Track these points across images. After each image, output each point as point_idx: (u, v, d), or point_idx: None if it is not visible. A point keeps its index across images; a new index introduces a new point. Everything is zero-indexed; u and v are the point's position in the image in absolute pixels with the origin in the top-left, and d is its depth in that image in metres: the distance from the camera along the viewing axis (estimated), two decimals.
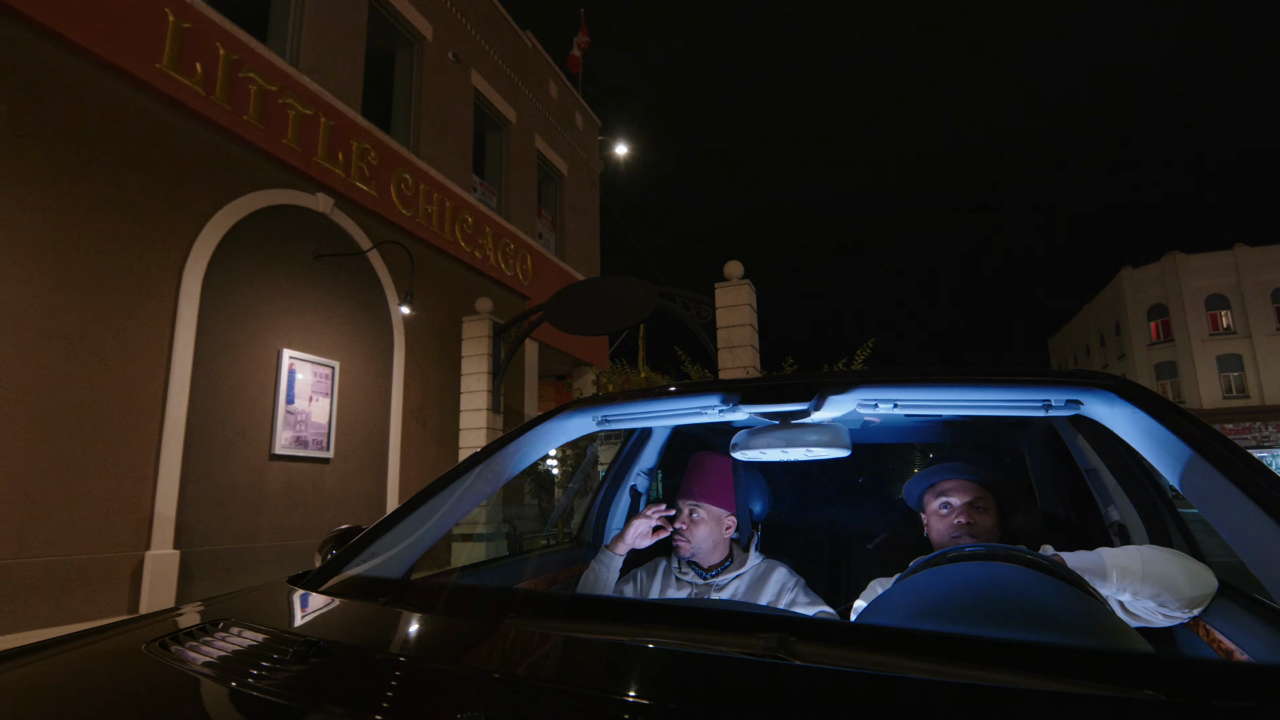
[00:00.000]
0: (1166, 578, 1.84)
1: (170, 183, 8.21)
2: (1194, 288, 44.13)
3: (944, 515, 2.45)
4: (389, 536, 2.01)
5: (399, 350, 11.43)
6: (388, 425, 11.16)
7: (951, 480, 2.49)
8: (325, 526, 9.48)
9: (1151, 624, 1.88)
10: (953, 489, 2.47)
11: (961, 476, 2.48)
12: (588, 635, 1.29)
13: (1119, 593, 1.90)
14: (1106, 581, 1.91)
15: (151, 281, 7.87)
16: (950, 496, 2.46)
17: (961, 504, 2.43)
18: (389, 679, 1.09)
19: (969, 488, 2.45)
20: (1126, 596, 1.93)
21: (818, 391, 2.07)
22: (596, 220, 20.63)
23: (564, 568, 3.17)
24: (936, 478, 2.53)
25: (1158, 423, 1.64)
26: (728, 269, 10.63)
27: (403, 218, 11.76)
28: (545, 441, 2.53)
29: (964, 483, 2.46)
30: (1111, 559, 1.93)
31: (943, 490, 2.49)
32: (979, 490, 2.45)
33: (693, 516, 2.70)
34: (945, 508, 2.46)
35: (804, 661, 1.07)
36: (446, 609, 1.54)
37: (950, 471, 2.50)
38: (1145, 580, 1.84)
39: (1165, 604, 1.83)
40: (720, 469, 2.78)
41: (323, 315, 10.10)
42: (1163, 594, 1.82)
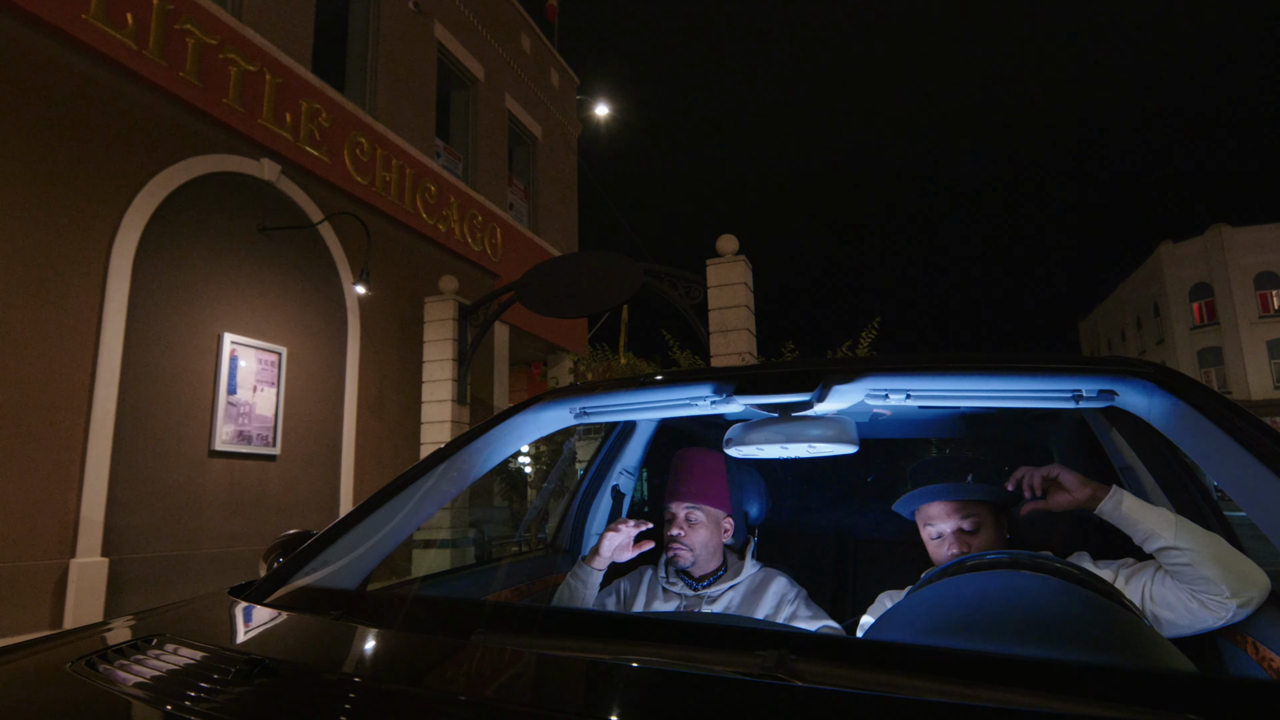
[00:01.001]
0: (1203, 552, 1.84)
1: (97, 148, 8.12)
2: (1242, 264, 43.59)
3: (937, 544, 2.42)
4: (342, 543, 2.00)
5: (353, 335, 11.38)
6: (341, 418, 11.12)
7: (934, 505, 2.44)
8: (271, 531, 9.41)
9: (1184, 626, 1.88)
10: (936, 515, 2.43)
11: (941, 499, 2.43)
12: (564, 653, 1.29)
13: (1145, 544, 1.93)
14: (1135, 529, 1.95)
15: (76, 259, 7.79)
16: (937, 523, 2.42)
17: (951, 532, 2.39)
18: (342, 701, 1.09)
19: (954, 510, 2.40)
20: (1146, 577, 1.95)
21: (821, 380, 2.06)
22: (574, 189, 20.57)
23: (538, 577, 3.17)
24: (916, 503, 2.49)
25: (1201, 415, 1.63)
26: (721, 244, 10.62)
27: (358, 186, 11.70)
28: (517, 436, 2.53)
29: (947, 505, 2.42)
30: (1146, 507, 1.96)
31: (928, 518, 2.46)
32: (967, 509, 2.39)
33: (690, 520, 2.68)
34: (936, 536, 2.43)
35: (806, 682, 1.06)
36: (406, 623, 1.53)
37: (930, 495, 2.45)
38: (1178, 543, 1.86)
39: (1200, 586, 1.83)
40: (713, 465, 2.78)
41: (268, 295, 10.04)
42: (1195, 569, 1.82)
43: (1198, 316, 45.48)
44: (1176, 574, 1.88)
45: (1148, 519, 1.94)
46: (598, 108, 21.25)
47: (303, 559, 1.93)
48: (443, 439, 11.80)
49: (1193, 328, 45.45)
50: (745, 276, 10.59)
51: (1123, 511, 1.99)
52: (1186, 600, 1.85)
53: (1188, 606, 1.85)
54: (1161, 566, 1.95)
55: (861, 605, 2.54)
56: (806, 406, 2.17)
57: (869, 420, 2.93)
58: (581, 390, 2.50)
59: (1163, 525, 1.91)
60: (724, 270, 10.58)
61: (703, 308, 10.61)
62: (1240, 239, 44.06)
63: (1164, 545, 1.89)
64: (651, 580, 2.79)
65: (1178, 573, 1.87)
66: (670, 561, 2.72)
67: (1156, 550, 1.92)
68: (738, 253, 10.63)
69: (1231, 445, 1.51)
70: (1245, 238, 43.97)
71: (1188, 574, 1.85)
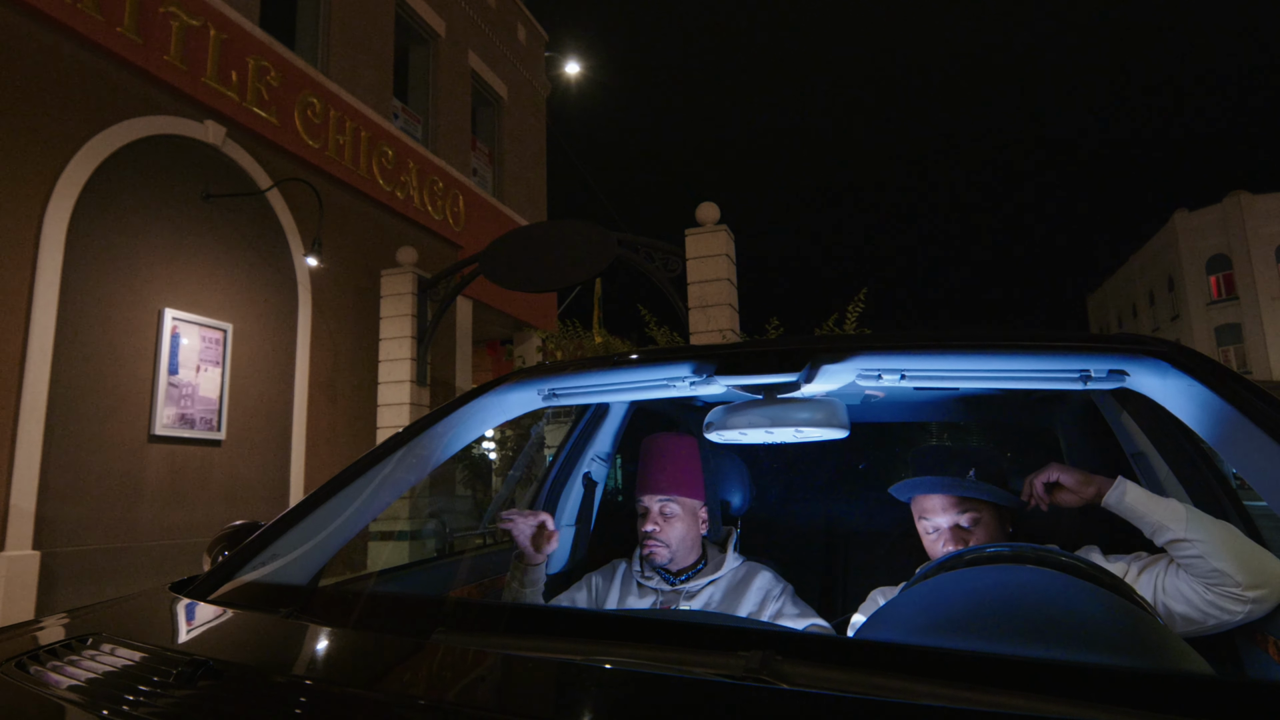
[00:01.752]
0: (1217, 543, 1.84)
1: (27, 109, 8.00)
2: (1263, 234, 43.04)
3: (933, 539, 2.42)
4: (292, 535, 2.00)
5: (305, 310, 11.33)
6: (291, 400, 11.07)
7: (930, 497, 2.43)
8: (216, 523, 9.36)
9: (1199, 622, 1.88)
10: (932, 508, 2.42)
11: (937, 492, 2.41)
12: (531, 654, 1.29)
13: (1155, 536, 1.93)
14: (1143, 521, 1.95)
15: (5, 228, 7.68)
16: (933, 517, 2.41)
17: (948, 528, 2.38)
18: (291, 706, 1.09)
19: (952, 505, 2.39)
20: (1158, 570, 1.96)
21: (809, 359, 2.05)
22: (543, 154, 20.47)
23: (503, 572, 3.16)
24: (913, 491, 2.48)
25: (1219, 397, 1.63)
26: (700, 212, 10.56)
27: (309, 150, 11.61)
28: (481, 420, 2.52)
29: (944, 499, 2.40)
30: (1154, 499, 1.96)
31: (924, 510, 2.44)
32: (965, 505, 2.38)
33: (665, 514, 2.67)
34: (932, 530, 2.42)
35: (792, 685, 1.06)
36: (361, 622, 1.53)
37: (928, 487, 2.44)
38: (1189, 534, 1.86)
39: (1213, 580, 1.83)
40: (685, 451, 2.77)
41: (213, 268, 9.95)
42: (1208, 561, 1.82)
43: (1215, 291, 45.13)
44: (1188, 567, 1.88)
45: (1155, 510, 1.94)
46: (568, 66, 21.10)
47: (250, 552, 1.92)
48: (401, 422, 11.77)
49: (1210, 303, 45.18)
50: (727, 247, 10.55)
51: (1128, 503, 1.99)
52: (1201, 593, 1.85)
53: (1202, 599, 1.85)
54: (1173, 560, 1.95)
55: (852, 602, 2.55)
56: (793, 388, 2.17)
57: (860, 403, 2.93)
58: (551, 370, 2.49)
59: (1172, 516, 1.91)
60: (704, 241, 10.54)
61: (681, 281, 10.57)
62: (1261, 207, 43.46)
63: (1174, 537, 1.89)
64: (625, 575, 2.78)
65: (1189, 565, 1.87)
66: (646, 559, 2.71)
67: (1167, 543, 1.92)
68: (719, 222, 10.57)
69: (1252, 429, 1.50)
70: (1266, 206, 43.35)
71: (1200, 567, 1.85)
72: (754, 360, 2.14)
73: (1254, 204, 43.75)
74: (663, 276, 10.67)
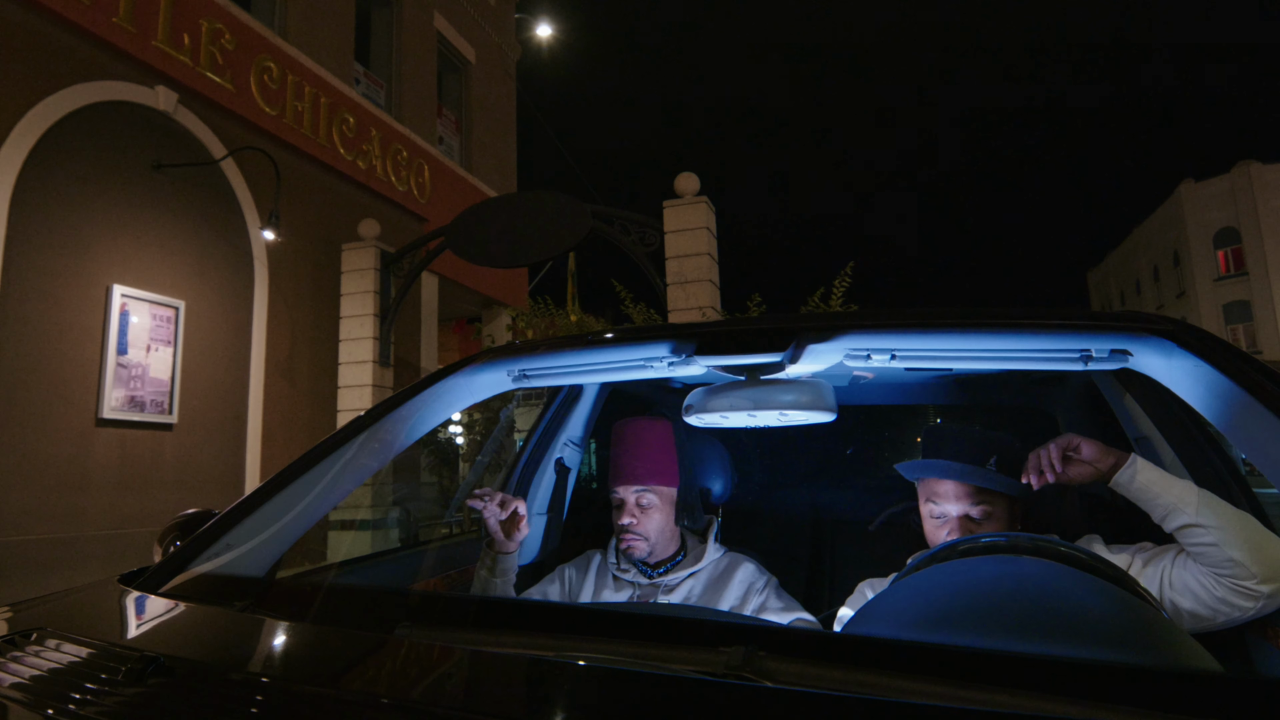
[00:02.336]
0: (1231, 531, 1.82)
1: None
2: (1274, 206, 42.57)
3: (938, 525, 2.40)
4: (248, 524, 1.99)
5: (261, 287, 11.25)
6: (246, 382, 11.00)
7: (943, 482, 2.41)
8: (167, 511, 9.28)
9: (1208, 617, 1.88)
10: (944, 494, 2.40)
11: (954, 478, 2.39)
12: (501, 649, 1.29)
13: (1165, 521, 1.91)
14: (1154, 504, 1.93)
15: None
16: (943, 504, 2.39)
17: (958, 517, 2.36)
18: (247, 704, 1.08)
19: (966, 494, 2.37)
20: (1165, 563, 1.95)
21: (794, 339, 2.05)
22: (513, 122, 20.35)
23: (471, 563, 3.16)
24: (923, 475, 2.46)
25: (1227, 379, 1.62)
26: (680, 183, 10.50)
27: (266, 118, 11.51)
28: (447, 403, 2.52)
29: (959, 487, 2.38)
30: (1168, 479, 1.94)
31: (933, 494, 2.42)
32: (980, 496, 2.36)
33: (641, 505, 2.66)
34: (940, 517, 2.40)
35: (776, 683, 1.06)
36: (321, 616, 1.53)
37: (944, 472, 2.41)
38: (1201, 519, 1.84)
39: (1225, 570, 1.82)
40: (660, 436, 2.75)
41: (164, 242, 9.86)
42: (1221, 550, 1.81)
43: (1223, 266, 44.68)
44: (1199, 556, 1.87)
45: (1169, 492, 1.93)
46: (540, 28, 20.94)
47: (203, 542, 1.92)
48: (363, 405, 11.73)
49: (1217, 279, 44.68)
50: (707, 220, 10.49)
51: (1139, 483, 1.97)
52: (1211, 586, 1.84)
53: (1212, 594, 1.84)
54: (1183, 550, 1.94)
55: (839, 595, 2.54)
56: (777, 368, 2.16)
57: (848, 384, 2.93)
58: (521, 350, 2.49)
59: (1184, 499, 1.90)
60: (683, 214, 10.49)
61: (659, 256, 10.53)
62: (1272, 178, 42.97)
63: (1186, 523, 1.88)
64: (600, 566, 2.77)
65: (1201, 554, 1.86)
66: (623, 553, 2.70)
67: (1177, 529, 1.91)
68: (699, 193, 10.50)
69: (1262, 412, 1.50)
70: (1278, 176, 42.87)
71: (1212, 555, 1.84)
72: (736, 339, 2.13)
73: (1264, 174, 43.15)
74: (639, 251, 10.63)
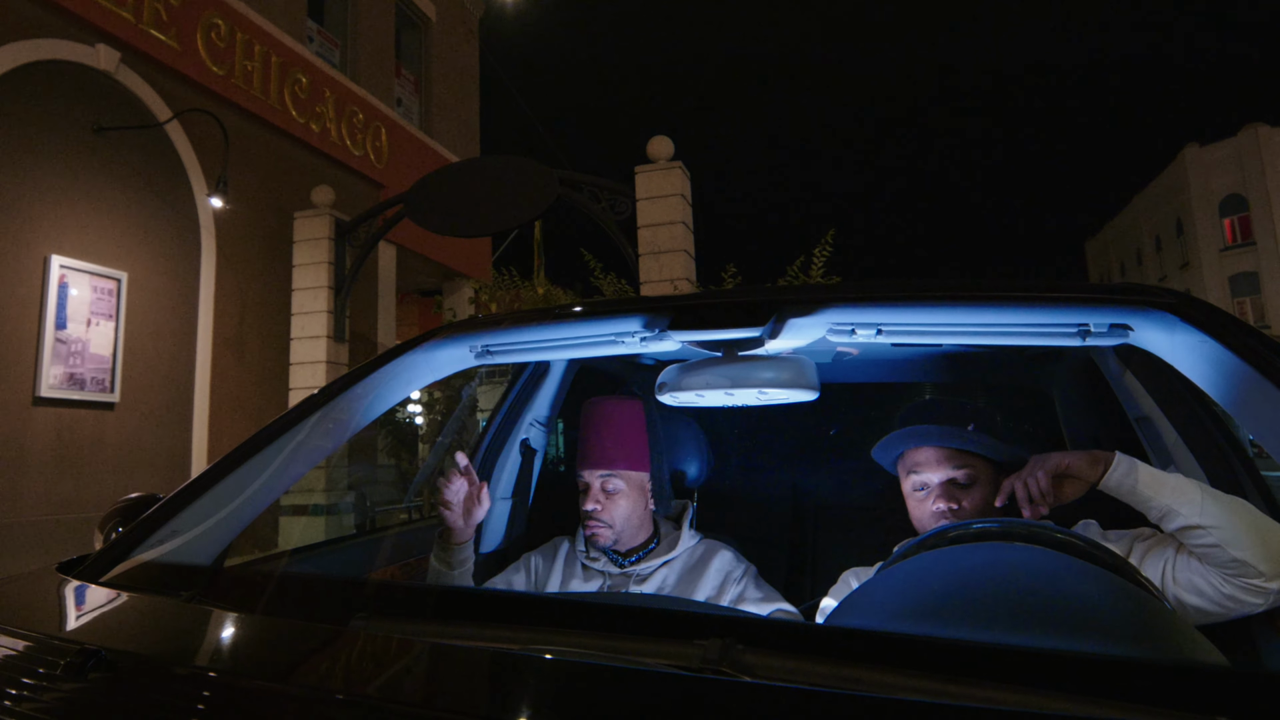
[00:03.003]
0: (1236, 529, 1.78)
1: None
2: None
3: (921, 499, 2.38)
4: (195, 509, 1.99)
5: (208, 257, 11.16)
6: (193, 358, 10.94)
7: (923, 450, 2.40)
8: (109, 495, 9.27)
9: (1215, 614, 1.86)
10: (925, 462, 2.38)
11: (933, 443, 2.38)
12: (463, 642, 1.28)
13: (1163, 522, 1.87)
14: (1149, 505, 1.88)
15: None
16: (924, 472, 2.38)
17: (940, 484, 2.34)
18: (194, 700, 1.08)
19: (947, 459, 2.36)
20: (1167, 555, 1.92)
21: (774, 312, 2.03)
22: (476, 83, 20.23)
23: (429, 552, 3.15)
24: (902, 446, 2.45)
25: (1233, 354, 1.61)
26: (653, 147, 10.44)
27: (213, 78, 11.40)
28: (406, 380, 2.51)
29: (939, 452, 2.37)
30: (1162, 476, 1.89)
31: (914, 465, 2.41)
32: (962, 459, 2.35)
33: (607, 490, 2.64)
34: (921, 488, 2.39)
35: (755, 677, 1.06)
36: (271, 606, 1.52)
37: (917, 438, 2.41)
38: (1204, 520, 1.80)
39: (1232, 570, 1.78)
40: (629, 417, 2.73)
41: (106, 210, 9.78)
42: (1227, 550, 1.77)
43: (1229, 235, 44.02)
44: (1203, 556, 1.84)
45: (1162, 492, 1.88)
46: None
47: (147, 528, 1.91)
48: (316, 383, 11.69)
49: (1223, 249, 44.03)
50: (682, 187, 10.46)
51: (1129, 484, 1.93)
52: (1218, 584, 1.82)
53: (1219, 591, 1.82)
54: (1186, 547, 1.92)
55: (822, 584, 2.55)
56: (756, 344, 2.16)
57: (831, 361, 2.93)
58: (484, 325, 2.48)
59: (1183, 499, 1.84)
60: (656, 180, 10.43)
61: (631, 225, 10.47)
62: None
63: (1185, 524, 1.84)
64: (568, 555, 2.76)
65: (1205, 555, 1.83)
66: (589, 541, 2.68)
67: (1177, 530, 1.87)
68: (673, 158, 10.46)
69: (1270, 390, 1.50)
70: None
71: (1216, 557, 1.80)
72: (712, 313, 2.12)
73: (1274, 137, 42.32)
74: (610, 219, 10.57)
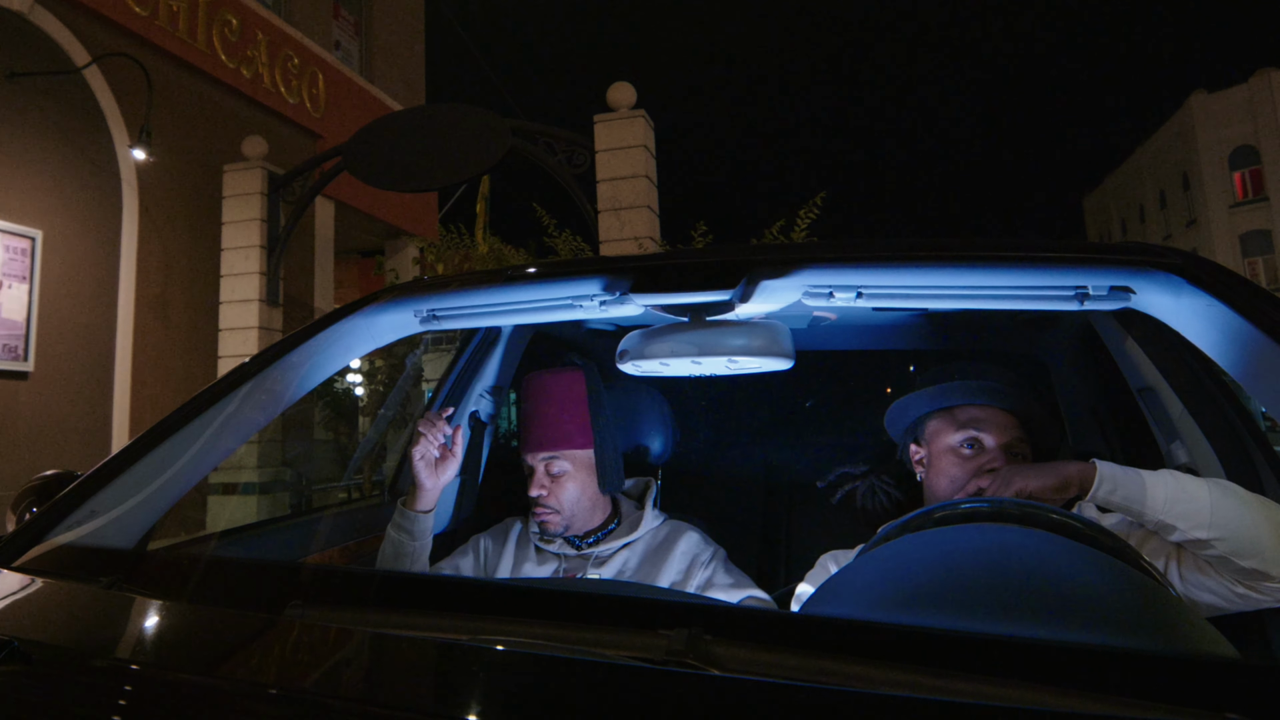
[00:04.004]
0: (1248, 536, 1.74)
1: None
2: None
3: (967, 457, 2.31)
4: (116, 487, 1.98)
5: (130, 214, 11.06)
6: (114, 323, 10.86)
7: (986, 408, 2.35)
8: (22, 472, 9.21)
9: (1225, 609, 1.85)
10: (986, 421, 2.32)
11: (998, 405, 2.34)
12: (407, 632, 1.28)
13: (1161, 534, 1.83)
14: (1144, 518, 1.83)
15: None
16: (982, 431, 2.31)
17: (997, 446, 2.29)
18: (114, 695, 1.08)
19: (1009, 424, 2.33)
20: (1169, 551, 1.89)
21: (745, 274, 2.01)
22: (421, 24, 20.10)
23: (371, 533, 3.16)
24: (960, 399, 2.38)
25: (1243, 319, 1.60)
26: (613, 94, 10.40)
27: (135, 19, 11.27)
28: (345, 348, 2.50)
29: (1002, 414, 2.34)
30: (1158, 485, 1.83)
31: (971, 420, 2.34)
32: (1019, 430, 2.33)
33: (552, 473, 2.61)
34: (970, 446, 2.32)
35: (724, 670, 1.05)
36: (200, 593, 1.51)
37: (985, 394, 2.35)
38: (1214, 528, 1.74)
39: (1245, 576, 1.75)
40: (569, 391, 2.68)
41: (18, 163, 9.69)
42: (1238, 560, 1.73)
43: (1240, 190, 43.29)
44: (1213, 564, 1.80)
45: (1156, 504, 1.81)
46: None
47: (64, 508, 1.90)
48: (248, 350, 11.62)
49: (1233, 205, 43.30)
50: (645, 138, 10.41)
51: (1122, 501, 1.87)
52: (1229, 583, 1.79)
53: (1230, 590, 1.79)
54: None
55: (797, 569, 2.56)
56: (726, 308, 2.15)
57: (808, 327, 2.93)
58: (430, 287, 2.47)
59: (1183, 510, 1.78)
60: (617, 130, 10.38)
61: (590, 179, 10.42)
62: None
63: (1182, 539, 1.80)
64: (521, 537, 2.74)
65: (1214, 563, 1.80)
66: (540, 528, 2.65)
67: (1184, 544, 1.83)
68: (635, 106, 10.41)
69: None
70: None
71: (1226, 566, 1.77)
72: (678, 274, 2.10)
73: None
74: (567, 173, 10.51)
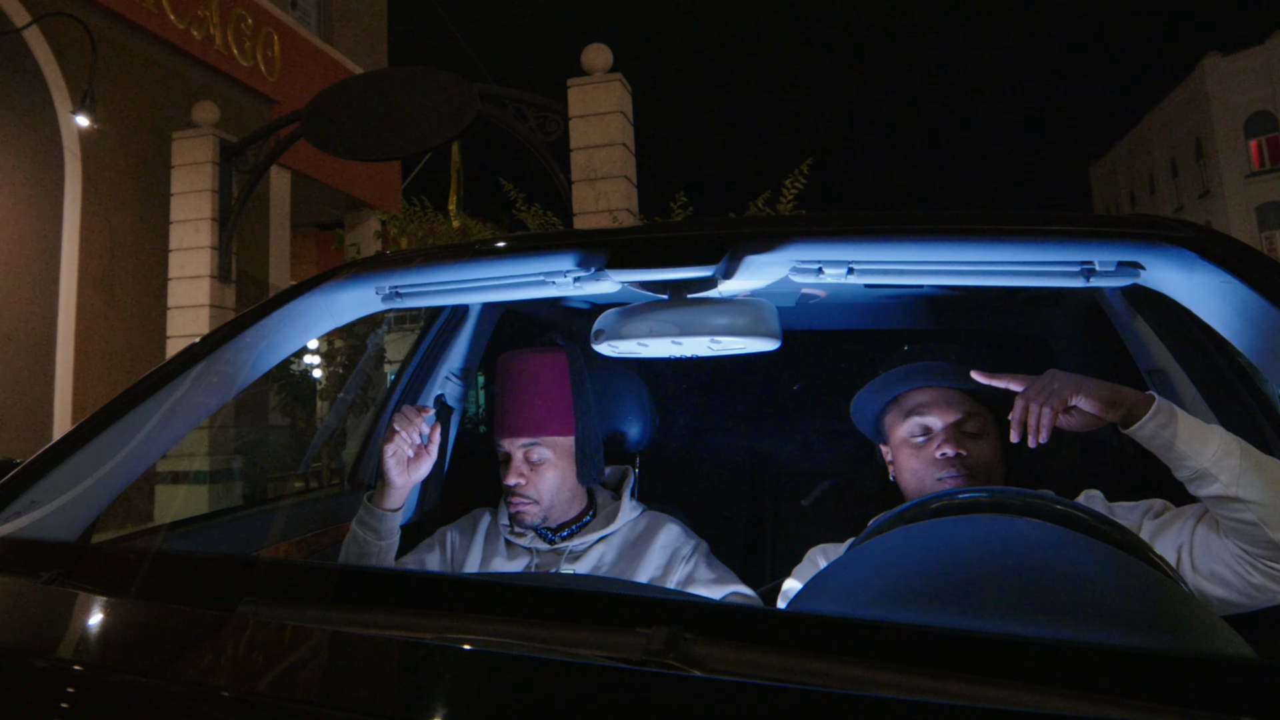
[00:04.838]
0: (1278, 504, 1.69)
1: None
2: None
3: (919, 446, 2.35)
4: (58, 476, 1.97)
5: (73, 184, 11.03)
6: (55, 301, 10.83)
7: (928, 390, 2.38)
8: None
9: (1238, 605, 1.83)
10: (931, 404, 2.36)
11: (943, 384, 2.36)
12: (368, 631, 1.28)
13: (1193, 485, 1.78)
14: (1183, 463, 1.77)
15: None
16: (928, 415, 2.35)
17: (946, 427, 2.32)
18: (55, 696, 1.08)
19: (957, 401, 2.34)
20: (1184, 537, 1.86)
21: (729, 248, 2.00)
22: None
23: (330, 525, 3.15)
24: (903, 386, 2.42)
25: (1259, 296, 1.59)
26: (588, 57, 10.39)
27: None
28: (302, 327, 2.49)
29: (948, 393, 2.36)
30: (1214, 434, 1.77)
31: (915, 407, 2.38)
32: (971, 405, 2.34)
33: (531, 461, 2.59)
34: (921, 434, 2.35)
35: (706, 671, 1.05)
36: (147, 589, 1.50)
37: (925, 376, 2.38)
38: (1241, 492, 1.70)
39: (1268, 553, 1.71)
40: (552, 373, 2.67)
41: None
42: (1265, 530, 1.68)
43: (1256, 159, 42.97)
44: (1233, 532, 1.76)
45: (1202, 450, 1.76)
46: None
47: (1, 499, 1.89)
48: (199, 330, 11.58)
49: (1249, 174, 42.98)
50: (622, 103, 10.41)
51: (1169, 439, 1.80)
52: (1245, 573, 1.76)
53: (1247, 581, 1.76)
54: (1205, 517, 1.87)
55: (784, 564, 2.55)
56: (708, 285, 2.15)
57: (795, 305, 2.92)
58: (393, 263, 2.46)
59: (1221, 461, 1.73)
60: (592, 94, 10.38)
61: (563, 147, 10.43)
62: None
63: (1221, 493, 1.73)
64: (490, 529, 2.73)
65: (1235, 530, 1.75)
66: (514, 519, 2.63)
67: (1209, 497, 1.78)
68: (612, 70, 10.41)
69: None
70: None
71: (1251, 535, 1.72)
72: (657, 249, 2.10)
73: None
74: (538, 140, 10.50)
